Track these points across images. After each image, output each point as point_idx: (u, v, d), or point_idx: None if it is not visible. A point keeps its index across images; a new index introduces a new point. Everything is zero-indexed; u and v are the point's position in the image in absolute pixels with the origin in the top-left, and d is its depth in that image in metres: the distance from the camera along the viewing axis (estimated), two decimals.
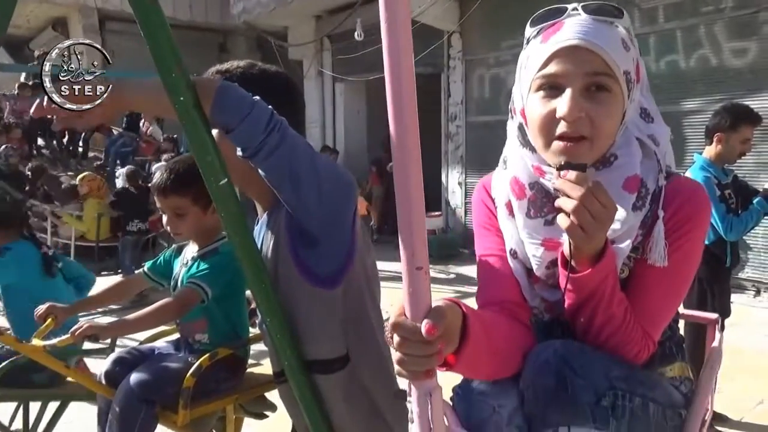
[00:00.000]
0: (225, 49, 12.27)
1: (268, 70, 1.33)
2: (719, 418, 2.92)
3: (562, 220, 0.84)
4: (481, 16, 7.16)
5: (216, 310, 1.84)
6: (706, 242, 2.75)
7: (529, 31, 0.97)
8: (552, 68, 0.90)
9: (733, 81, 5.45)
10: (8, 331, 2.24)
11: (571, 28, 0.89)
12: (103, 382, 1.79)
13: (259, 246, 1.26)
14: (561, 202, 0.84)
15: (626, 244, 0.95)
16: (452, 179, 8.26)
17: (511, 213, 1.04)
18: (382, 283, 1.44)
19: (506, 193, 1.06)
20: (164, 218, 1.83)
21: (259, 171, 1.13)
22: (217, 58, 11.63)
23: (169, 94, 1.00)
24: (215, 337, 1.85)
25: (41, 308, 1.89)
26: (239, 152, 1.09)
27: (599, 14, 0.91)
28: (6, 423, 2.37)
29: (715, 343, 1.34)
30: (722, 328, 2.90)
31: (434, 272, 6.49)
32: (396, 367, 0.75)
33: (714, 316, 1.49)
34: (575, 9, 0.92)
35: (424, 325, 0.70)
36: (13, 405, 2.34)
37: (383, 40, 0.65)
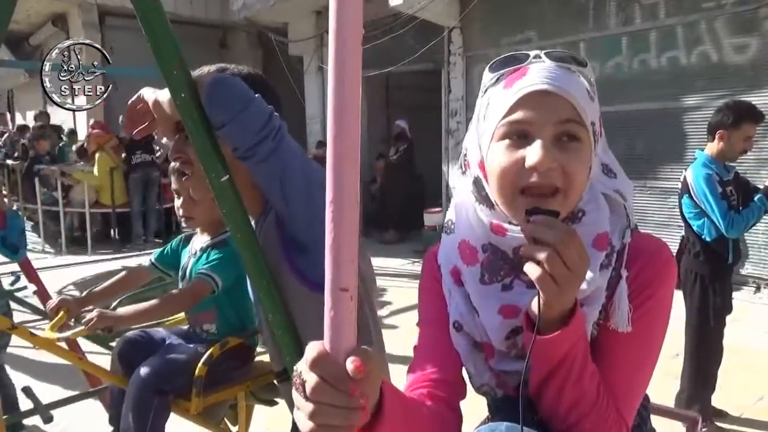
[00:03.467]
0: (225, 45, 12.21)
1: (240, 72, 1.29)
2: (719, 414, 2.93)
3: (532, 270, 0.73)
4: (482, 12, 7.14)
5: (225, 301, 1.87)
6: (708, 239, 2.76)
7: (487, 77, 0.90)
8: (519, 115, 0.82)
9: (734, 77, 5.44)
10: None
11: (538, 74, 0.82)
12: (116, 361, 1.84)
13: None
14: (531, 249, 0.74)
15: (595, 307, 0.86)
16: (453, 175, 8.26)
17: (457, 281, 0.95)
18: (385, 280, 1.45)
19: (451, 259, 0.96)
20: (177, 202, 1.84)
21: (252, 174, 1.13)
22: (218, 54, 11.60)
23: (170, 92, 1.00)
24: (223, 327, 1.88)
25: (53, 301, 1.91)
26: (233, 152, 1.09)
27: (564, 62, 0.85)
28: None
29: None
30: (724, 325, 2.91)
31: None
32: (304, 423, 0.59)
33: (694, 415, 1.40)
34: (537, 56, 0.86)
35: (350, 362, 0.58)
36: None
37: (330, 33, 0.58)
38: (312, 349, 0.60)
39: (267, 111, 1.09)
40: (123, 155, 6.97)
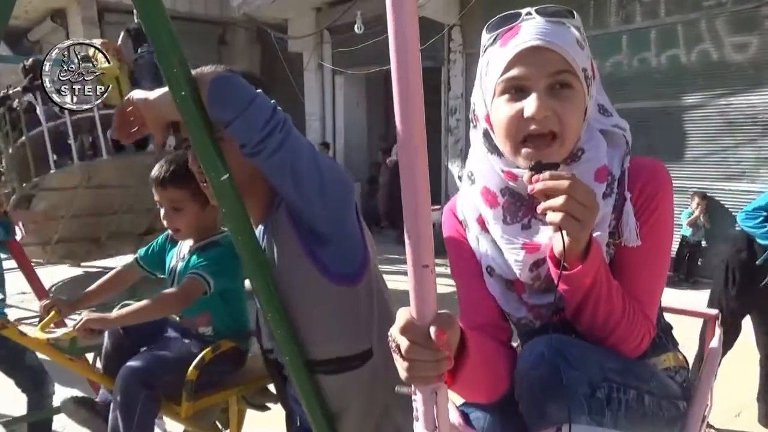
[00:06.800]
0: (224, 41, 12.18)
1: (232, 70, 1.26)
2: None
3: (554, 217, 0.82)
4: (482, 10, 7.13)
5: (218, 303, 1.84)
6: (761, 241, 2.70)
7: (485, 38, 0.99)
8: (515, 71, 0.91)
9: (735, 76, 5.44)
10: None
11: (529, 31, 0.91)
12: (109, 348, 1.84)
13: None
14: (548, 203, 0.83)
15: (603, 233, 0.96)
16: (452, 173, 8.26)
17: (484, 228, 1.05)
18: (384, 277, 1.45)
19: (476, 208, 1.06)
20: (161, 212, 1.81)
21: (263, 171, 1.12)
22: (217, 50, 11.57)
23: (170, 89, 0.99)
24: (220, 328, 1.86)
25: (46, 300, 1.89)
26: (241, 149, 1.08)
27: (553, 16, 0.94)
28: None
29: (714, 343, 1.33)
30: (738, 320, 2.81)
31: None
32: (403, 374, 0.73)
33: (713, 312, 1.47)
34: (529, 13, 0.94)
35: (433, 331, 0.69)
36: None
37: (390, 34, 0.65)
38: (401, 317, 0.72)
39: (271, 105, 1.08)
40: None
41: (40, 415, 2.34)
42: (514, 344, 1.12)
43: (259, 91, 1.08)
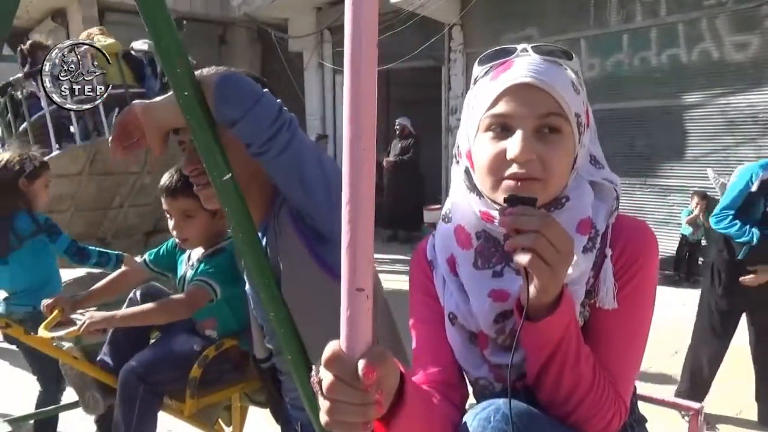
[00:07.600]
0: (225, 41, 12.17)
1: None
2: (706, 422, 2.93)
3: (523, 258, 0.74)
4: (483, 9, 7.13)
5: (226, 309, 1.85)
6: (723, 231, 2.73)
7: (477, 70, 0.94)
8: (502, 107, 0.85)
9: (735, 75, 5.44)
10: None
11: (522, 67, 0.85)
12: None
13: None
14: (517, 240, 0.74)
15: (579, 288, 0.88)
16: (452, 172, 8.26)
17: (453, 270, 0.96)
18: (384, 277, 1.44)
19: (448, 247, 0.98)
20: (170, 223, 1.82)
21: (268, 171, 1.13)
22: (217, 50, 11.57)
23: (173, 90, 1.00)
24: (226, 334, 1.87)
25: (48, 300, 1.90)
26: (247, 149, 1.08)
27: (549, 55, 0.88)
28: None
29: None
30: (732, 327, 2.82)
31: None
32: (323, 418, 0.62)
33: (696, 406, 1.38)
34: (525, 50, 0.89)
35: (361, 367, 0.58)
36: None
37: (346, 28, 0.56)
38: (328, 348, 0.62)
39: (277, 104, 1.08)
40: None
41: (47, 412, 2.35)
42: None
43: (265, 90, 1.09)
